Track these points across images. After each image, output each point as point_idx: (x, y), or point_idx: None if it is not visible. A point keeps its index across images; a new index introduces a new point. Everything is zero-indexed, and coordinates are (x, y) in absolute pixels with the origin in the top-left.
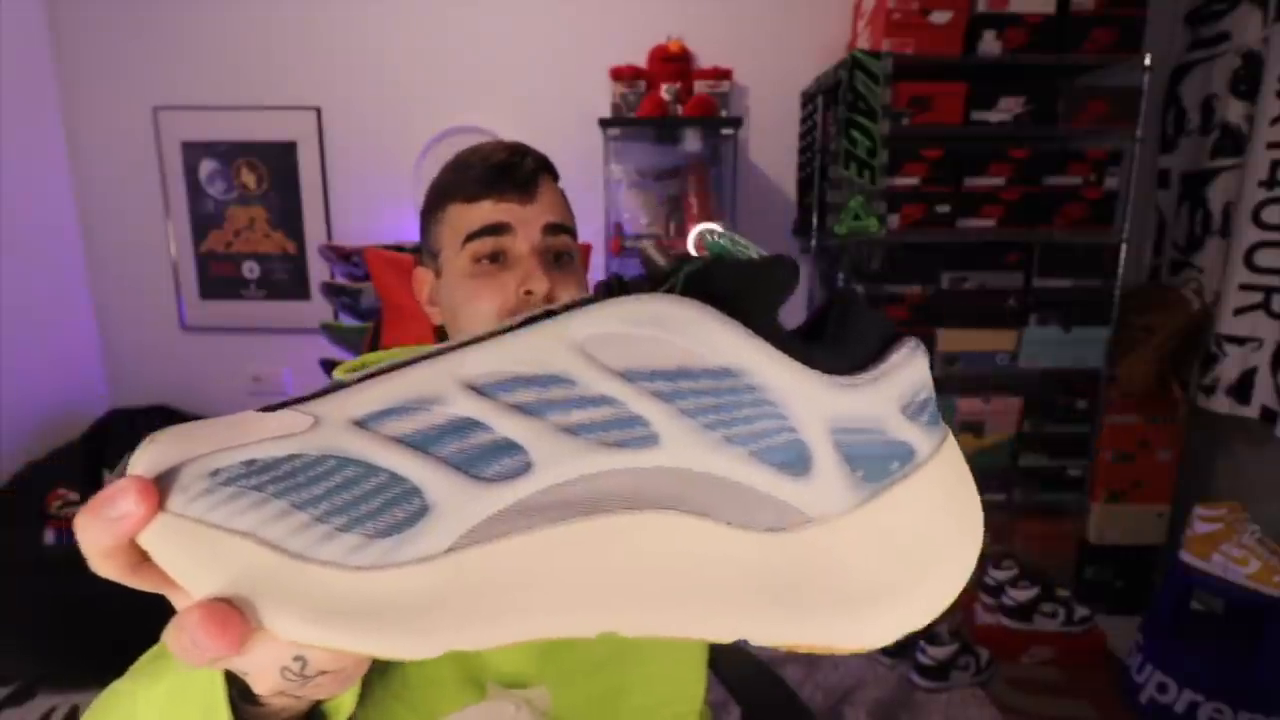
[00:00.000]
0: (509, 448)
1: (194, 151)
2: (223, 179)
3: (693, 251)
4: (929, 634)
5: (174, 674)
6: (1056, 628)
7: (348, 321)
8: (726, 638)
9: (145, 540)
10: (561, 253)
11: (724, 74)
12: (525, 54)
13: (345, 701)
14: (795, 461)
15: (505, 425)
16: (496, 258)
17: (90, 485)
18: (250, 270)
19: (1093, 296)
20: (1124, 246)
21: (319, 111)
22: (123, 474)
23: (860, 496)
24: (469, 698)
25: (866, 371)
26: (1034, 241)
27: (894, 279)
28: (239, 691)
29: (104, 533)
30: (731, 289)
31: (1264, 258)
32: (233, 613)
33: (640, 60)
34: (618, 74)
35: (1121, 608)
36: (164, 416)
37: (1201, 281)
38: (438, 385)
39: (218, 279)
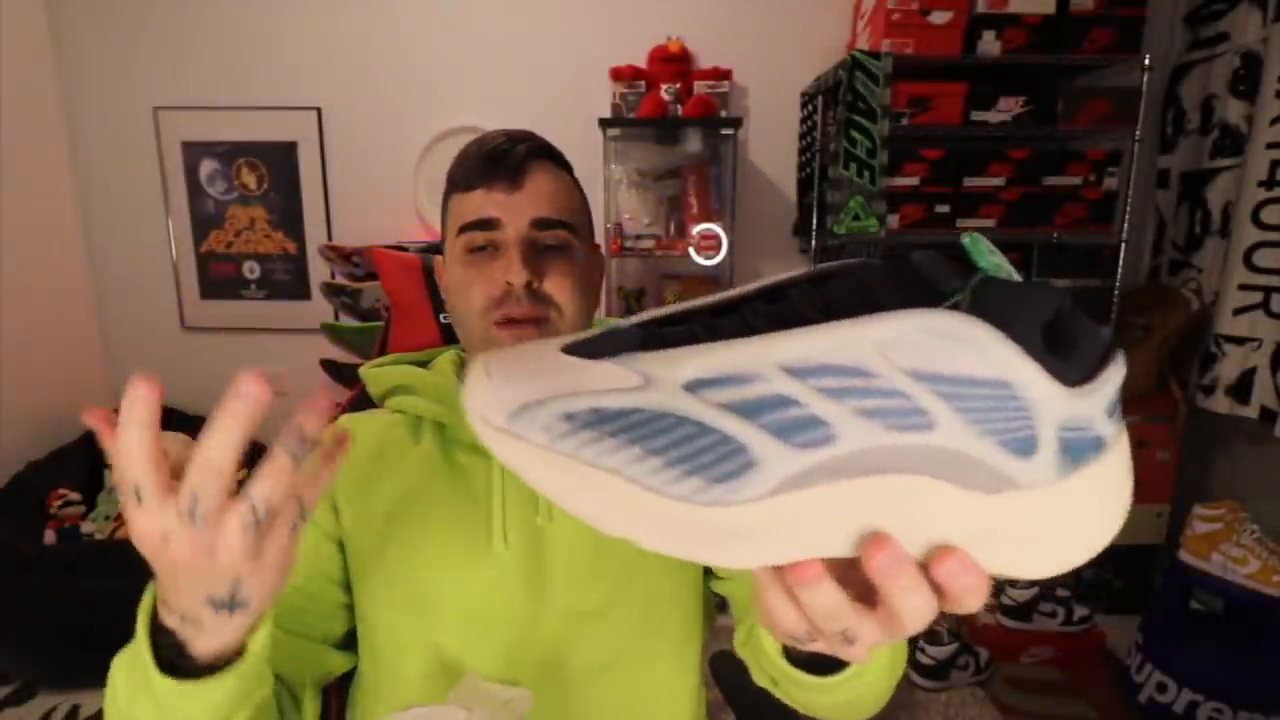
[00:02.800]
0: (816, 422)
1: (194, 151)
2: (223, 179)
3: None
4: (929, 633)
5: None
6: (1056, 627)
7: (348, 321)
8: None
9: (524, 466)
10: (552, 245)
11: (724, 74)
12: (525, 54)
13: (260, 641)
14: (1027, 448)
15: (815, 404)
16: (486, 248)
17: (90, 485)
18: (250, 270)
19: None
20: (1123, 246)
21: (319, 111)
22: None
23: (1060, 474)
24: (434, 690)
25: (1091, 382)
26: (1034, 241)
27: None
28: (174, 657)
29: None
30: (1009, 309)
31: (1263, 258)
32: None
33: (640, 60)
34: (618, 74)
35: (1121, 607)
36: (164, 416)
37: (1201, 281)
38: (757, 364)
39: (218, 279)
